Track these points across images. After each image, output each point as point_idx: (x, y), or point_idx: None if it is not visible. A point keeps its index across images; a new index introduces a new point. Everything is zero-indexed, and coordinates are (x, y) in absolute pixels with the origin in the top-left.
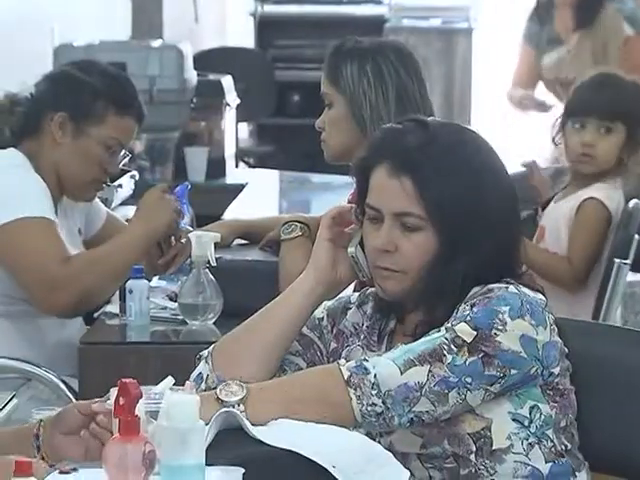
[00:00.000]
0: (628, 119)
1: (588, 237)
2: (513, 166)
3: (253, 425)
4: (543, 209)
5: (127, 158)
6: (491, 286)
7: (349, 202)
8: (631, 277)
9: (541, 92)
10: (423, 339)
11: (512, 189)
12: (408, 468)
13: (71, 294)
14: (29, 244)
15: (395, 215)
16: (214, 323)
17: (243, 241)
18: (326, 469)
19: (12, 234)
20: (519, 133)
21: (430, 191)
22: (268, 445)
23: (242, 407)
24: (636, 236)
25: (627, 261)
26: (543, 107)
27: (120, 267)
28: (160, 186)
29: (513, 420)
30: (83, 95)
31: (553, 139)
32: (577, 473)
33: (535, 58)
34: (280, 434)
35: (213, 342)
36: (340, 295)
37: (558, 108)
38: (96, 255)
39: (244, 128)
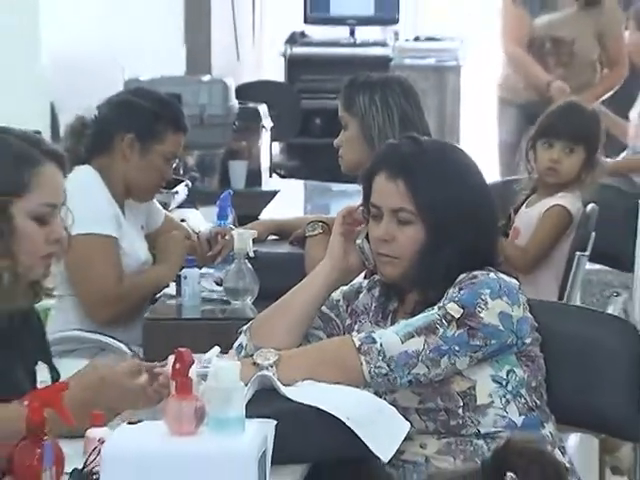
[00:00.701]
0: (588, 144)
1: (546, 234)
2: (494, 177)
3: (283, 385)
4: (516, 212)
5: (181, 169)
6: (475, 273)
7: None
8: (589, 266)
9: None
10: (420, 316)
11: (489, 194)
12: (408, 420)
13: (116, 310)
14: (93, 258)
15: (392, 211)
16: (252, 303)
17: (275, 237)
18: (342, 421)
19: (81, 245)
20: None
21: (420, 192)
22: (295, 402)
23: (274, 370)
24: (593, 233)
25: (586, 253)
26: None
27: (148, 295)
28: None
29: (493, 381)
30: (147, 119)
31: (526, 154)
32: (545, 424)
33: (527, 19)
34: (304, 393)
35: (251, 319)
36: (353, 282)
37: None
38: (138, 282)
39: (276, 146)
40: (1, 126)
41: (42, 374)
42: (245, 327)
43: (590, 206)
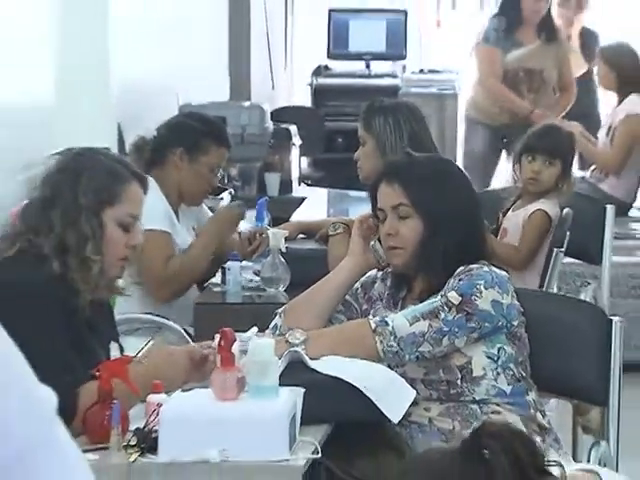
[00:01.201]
0: (563, 159)
1: (533, 236)
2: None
3: (310, 360)
4: (504, 215)
5: (225, 178)
6: (471, 266)
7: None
8: (564, 260)
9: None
10: (425, 302)
11: (473, 194)
12: (415, 388)
13: (174, 288)
14: (150, 249)
15: (392, 208)
16: (285, 291)
17: (303, 236)
18: (360, 389)
19: (149, 239)
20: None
21: (412, 189)
22: (320, 373)
23: (303, 347)
24: (568, 233)
25: (562, 249)
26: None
27: (196, 267)
28: (234, 205)
29: (486, 357)
30: (194, 135)
31: (513, 166)
32: (529, 392)
33: (499, 56)
34: (328, 366)
35: (284, 304)
36: (369, 274)
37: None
38: (184, 259)
39: (304, 160)
40: (93, 147)
41: (114, 351)
42: (279, 311)
43: (566, 210)
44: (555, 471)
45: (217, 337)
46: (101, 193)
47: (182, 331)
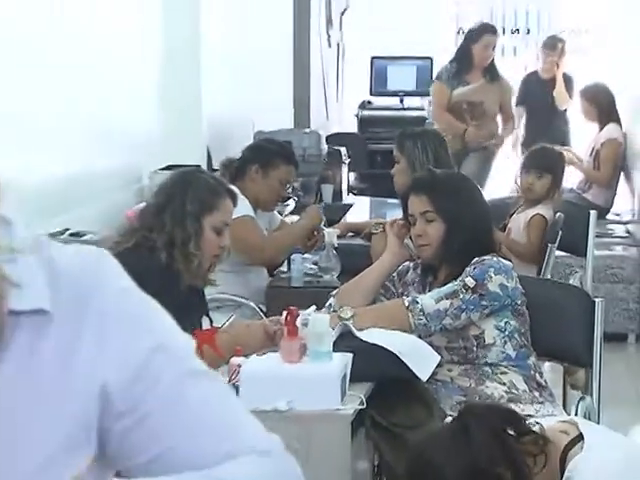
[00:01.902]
0: (553, 173)
1: (537, 234)
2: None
3: (357, 331)
4: (510, 217)
5: (291, 189)
6: (483, 257)
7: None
8: (557, 253)
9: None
10: (447, 286)
11: (483, 202)
12: (440, 354)
13: (265, 258)
14: (247, 230)
15: (420, 214)
16: (337, 277)
17: (351, 234)
18: (396, 354)
19: (239, 223)
20: (497, 178)
21: (435, 199)
22: (365, 341)
23: (351, 321)
24: (560, 232)
25: (555, 245)
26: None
27: (285, 248)
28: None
29: (495, 329)
30: (267, 155)
31: (515, 180)
32: (530, 357)
33: (446, 92)
34: (371, 336)
35: (336, 287)
36: (403, 264)
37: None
38: (277, 239)
39: (352, 175)
40: (196, 168)
41: (205, 323)
42: (333, 293)
43: (558, 214)
44: (536, 428)
45: (284, 313)
46: (203, 203)
47: (256, 308)
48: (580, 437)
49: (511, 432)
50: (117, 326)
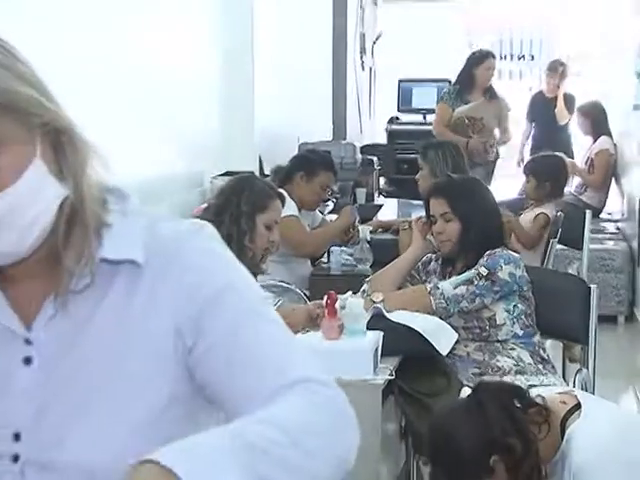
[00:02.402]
0: (553, 177)
1: (538, 229)
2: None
3: (387, 313)
4: (519, 215)
5: (330, 192)
6: (495, 250)
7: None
8: (557, 247)
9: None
10: (464, 274)
11: (495, 204)
12: (457, 332)
13: (308, 251)
14: (293, 228)
15: (440, 215)
16: (370, 267)
17: (381, 230)
18: (420, 333)
19: (286, 222)
20: (503, 182)
21: (453, 201)
22: (394, 322)
23: (382, 304)
24: (560, 228)
25: (556, 239)
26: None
27: (326, 242)
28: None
29: (505, 311)
30: (311, 164)
31: (523, 185)
32: (534, 335)
33: (448, 110)
34: (399, 317)
35: (369, 275)
36: (426, 256)
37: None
38: (318, 234)
39: (382, 180)
40: (250, 174)
41: None
42: (366, 280)
43: (559, 213)
44: (539, 400)
45: (325, 297)
46: (256, 204)
47: (301, 293)
48: (578, 406)
49: (519, 405)
50: (194, 271)
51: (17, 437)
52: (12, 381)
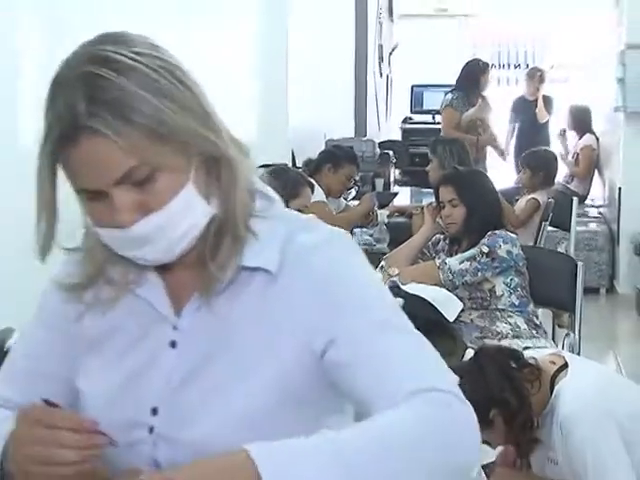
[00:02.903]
0: (545, 168)
1: (527, 212)
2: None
3: (402, 285)
4: (517, 200)
5: (353, 182)
6: (495, 231)
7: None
8: (548, 229)
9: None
10: (468, 252)
11: (495, 192)
12: (462, 302)
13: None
14: (321, 212)
15: (448, 201)
16: (387, 246)
17: (397, 214)
18: (431, 303)
19: (315, 206)
20: (500, 171)
21: (459, 189)
22: (408, 293)
23: (397, 278)
24: (550, 213)
25: (547, 222)
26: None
27: (349, 225)
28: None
29: (503, 284)
30: (337, 157)
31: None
32: (529, 304)
33: (455, 114)
34: (412, 289)
35: (386, 253)
36: (436, 236)
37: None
38: (343, 218)
39: (397, 171)
40: (284, 165)
41: None
42: (384, 256)
43: (549, 200)
44: (532, 361)
45: None
46: (289, 191)
47: None
48: (565, 366)
49: (514, 365)
50: (327, 280)
51: (154, 411)
52: (157, 361)
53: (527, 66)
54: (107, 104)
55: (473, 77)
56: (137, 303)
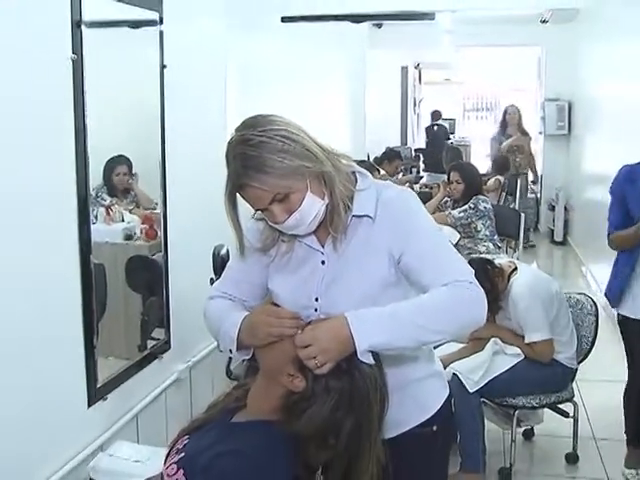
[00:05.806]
0: (502, 164)
1: (494, 186)
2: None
3: None
4: (488, 180)
5: (400, 170)
6: (477, 195)
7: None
8: (504, 195)
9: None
10: (463, 207)
11: (480, 176)
12: (460, 235)
13: None
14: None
15: (455, 180)
16: None
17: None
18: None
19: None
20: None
21: (461, 172)
22: None
23: None
24: (506, 187)
25: (505, 192)
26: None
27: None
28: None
29: (482, 224)
30: (390, 156)
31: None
32: (495, 235)
33: (497, 145)
34: None
35: None
36: (446, 198)
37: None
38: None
39: (423, 165)
40: (364, 160)
41: None
42: None
43: (506, 180)
44: (498, 265)
45: None
46: (369, 171)
47: None
48: (516, 268)
49: (489, 267)
50: (401, 217)
51: (316, 299)
52: (315, 272)
53: (490, 109)
54: (252, 168)
55: (503, 118)
56: (301, 245)
